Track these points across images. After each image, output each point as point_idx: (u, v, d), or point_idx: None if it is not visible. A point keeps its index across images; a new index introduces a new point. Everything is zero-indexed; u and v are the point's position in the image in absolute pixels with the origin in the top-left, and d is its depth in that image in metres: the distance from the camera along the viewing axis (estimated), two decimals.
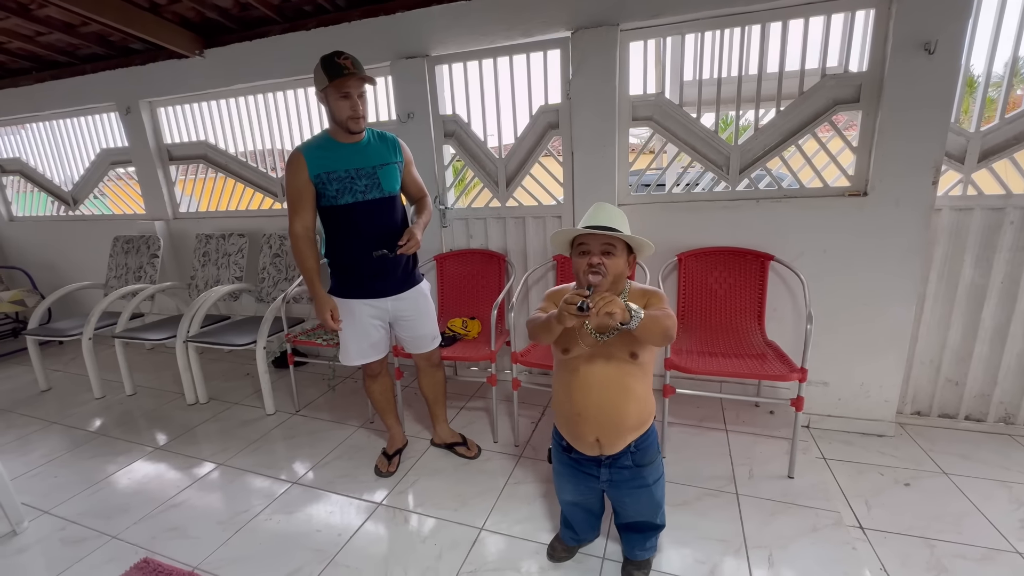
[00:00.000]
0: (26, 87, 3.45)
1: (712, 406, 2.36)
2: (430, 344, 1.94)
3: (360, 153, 1.68)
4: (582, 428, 1.24)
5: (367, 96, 1.63)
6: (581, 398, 1.23)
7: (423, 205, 1.86)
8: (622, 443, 1.24)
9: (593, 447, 1.25)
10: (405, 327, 1.88)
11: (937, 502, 1.70)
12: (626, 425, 1.23)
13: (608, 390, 1.21)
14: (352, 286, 1.76)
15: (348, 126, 1.62)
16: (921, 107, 1.80)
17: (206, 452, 2.21)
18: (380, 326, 1.83)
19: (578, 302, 1.04)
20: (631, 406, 1.22)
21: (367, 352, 1.84)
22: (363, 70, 1.59)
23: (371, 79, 1.59)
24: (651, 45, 2.18)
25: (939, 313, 2.09)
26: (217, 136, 3.17)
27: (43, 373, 2.96)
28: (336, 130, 1.66)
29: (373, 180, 1.68)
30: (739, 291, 2.20)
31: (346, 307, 1.77)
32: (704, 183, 2.33)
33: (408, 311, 1.84)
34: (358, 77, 1.55)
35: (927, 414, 2.22)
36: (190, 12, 2.62)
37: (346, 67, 1.53)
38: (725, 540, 1.54)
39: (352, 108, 1.59)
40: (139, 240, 3.33)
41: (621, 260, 1.21)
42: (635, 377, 1.22)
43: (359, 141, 1.69)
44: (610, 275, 1.18)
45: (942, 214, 1.99)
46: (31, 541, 1.69)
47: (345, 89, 1.56)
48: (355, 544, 1.61)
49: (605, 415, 1.21)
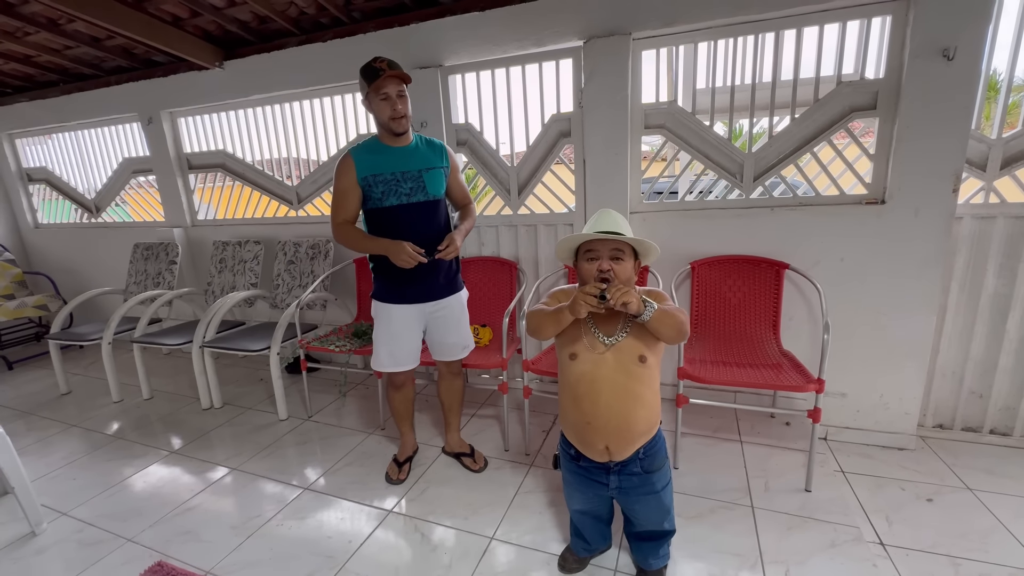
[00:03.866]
0: (53, 99, 3.57)
1: (726, 416, 2.32)
2: (460, 352, 1.94)
3: (407, 157, 1.71)
4: (591, 436, 1.23)
5: (408, 97, 1.66)
6: (590, 406, 1.22)
7: (467, 212, 1.88)
8: (631, 449, 1.23)
9: (603, 454, 1.24)
10: (438, 332, 1.88)
11: (962, 519, 1.65)
12: (635, 431, 1.22)
13: (617, 397, 1.20)
14: (394, 291, 1.77)
15: (391, 127, 1.65)
16: (940, 114, 1.77)
17: (220, 456, 2.23)
18: (416, 334, 1.83)
19: (597, 292, 1.08)
20: (640, 412, 1.21)
21: (399, 359, 1.84)
22: (400, 69, 1.62)
23: (407, 77, 1.62)
24: (663, 53, 2.18)
25: (961, 323, 2.04)
26: (235, 145, 3.24)
27: (64, 376, 3.03)
28: (383, 134, 1.71)
29: (418, 183, 1.70)
30: (753, 300, 2.17)
31: (384, 312, 1.78)
32: (717, 191, 2.32)
33: (444, 316, 1.85)
34: (394, 75, 1.59)
35: (950, 427, 2.16)
36: (211, 26, 2.70)
37: (381, 68, 1.58)
38: (740, 554, 1.51)
39: (392, 108, 1.62)
40: (158, 247, 3.40)
41: (629, 265, 1.21)
42: (643, 382, 1.21)
43: (407, 145, 1.72)
44: (619, 281, 1.18)
45: (963, 222, 1.94)
46: (50, 542, 1.72)
47: (383, 91, 1.60)
48: (365, 551, 1.61)
49: (614, 422, 1.21)
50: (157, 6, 2.50)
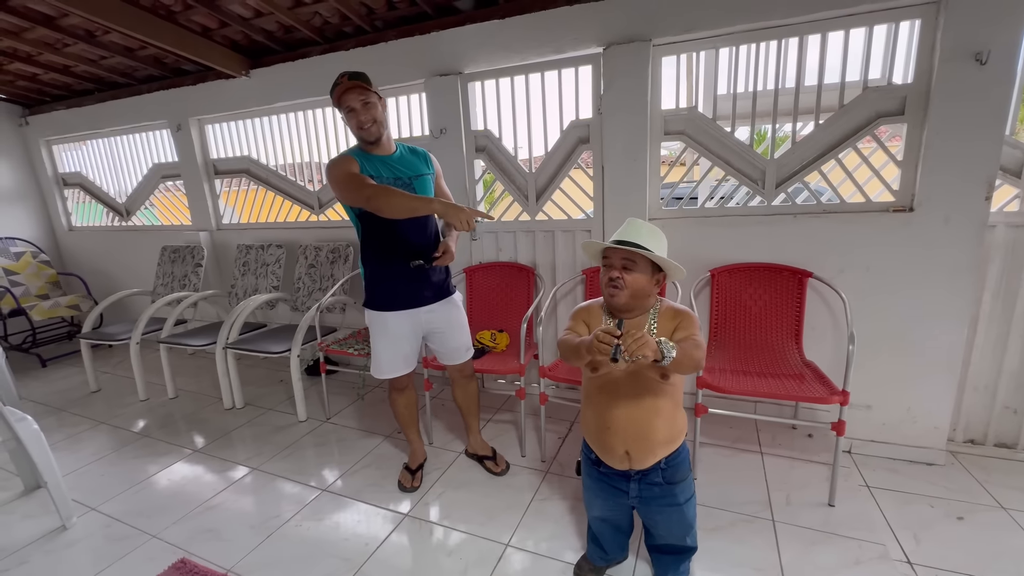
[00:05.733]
0: (88, 107, 3.71)
1: (746, 427, 2.28)
2: (464, 355, 1.96)
3: (396, 165, 1.73)
4: (611, 441, 1.24)
5: (377, 105, 1.64)
6: (609, 411, 1.23)
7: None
8: (652, 458, 1.23)
9: (623, 460, 1.24)
10: (439, 339, 1.90)
11: (995, 538, 1.59)
12: (655, 439, 1.22)
13: (636, 405, 1.21)
14: (386, 297, 1.79)
15: (360, 136, 1.66)
16: (972, 119, 1.72)
17: (241, 456, 2.27)
18: (412, 339, 1.85)
19: (612, 343, 1.03)
20: (659, 421, 1.21)
21: (398, 365, 1.86)
22: (362, 77, 1.60)
23: (366, 86, 1.59)
24: (684, 59, 2.17)
25: (994, 335, 1.97)
26: (259, 151, 3.32)
27: (94, 375, 3.13)
28: (363, 145, 1.72)
29: (410, 190, 1.72)
30: (775, 309, 2.13)
31: (379, 320, 1.80)
32: (738, 197, 2.28)
33: (441, 322, 1.86)
34: (353, 86, 1.57)
35: (982, 443, 2.08)
36: (239, 36, 2.77)
37: (339, 81, 1.59)
38: (761, 569, 1.47)
39: (356, 117, 1.62)
40: (185, 250, 3.49)
41: (642, 277, 1.20)
42: (662, 394, 1.22)
43: (391, 155, 1.74)
44: (628, 289, 1.19)
45: (996, 231, 1.88)
46: (79, 536, 1.77)
47: (346, 104, 1.60)
48: (381, 554, 1.62)
49: (633, 428, 1.21)
50: (188, 17, 2.58)
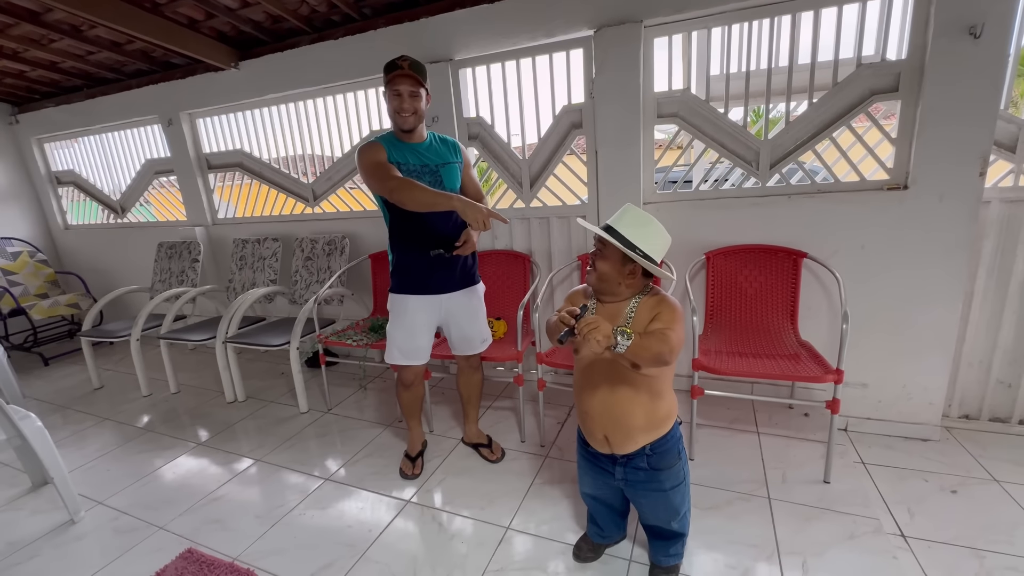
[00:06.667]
0: (78, 103, 3.68)
1: (743, 408, 2.30)
2: (479, 346, 1.97)
3: (424, 152, 1.74)
4: (590, 425, 1.28)
5: (422, 98, 1.69)
6: (587, 397, 1.26)
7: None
8: (632, 444, 1.23)
9: (603, 444, 1.27)
10: (456, 326, 1.90)
11: (987, 511, 1.61)
12: (631, 425, 1.22)
13: (611, 392, 1.23)
14: (409, 281, 1.80)
15: (395, 119, 1.69)
16: (966, 94, 1.71)
17: (244, 448, 2.30)
18: (427, 330, 1.86)
19: (569, 324, 1.06)
20: (635, 408, 1.21)
21: (410, 354, 1.86)
22: (421, 71, 1.65)
23: (420, 81, 1.65)
24: (676, 40, 2.14)
25: (989, 311, 1.98)
26: (251, 144, 3.30)
27: (96, 372, 3.15)
28: (395, 130, 1.74)
29: (436, 178, 1.73)
30: (770, 290, 2.14)
31: (400, 303, 1.81)
32: (733, 179, 2.28)
33: (461, 309, 1.87)
34: (408, 75, 1.62)
35: (976, 418, 2.10)
36: (226, 27, 2.74)
37: (400, 66, 1.62)
38: (757, 545, 1.50)
39: (399, 103, 1.65)
40: (181, 245, 3.49)
41: (608, 264, 1.19)
42: (636, 384, 1.20)
43: (421, 143, 1.75)
44: (596, 274, 1.21)
45: (991, 207, 1.88)
46: (88, 530, 1.80)
47: (396, 87, 1.64)
48: (385, 540, 1.65)
49: (609, 415, 1.23)
50: (173, 9, 2.55)
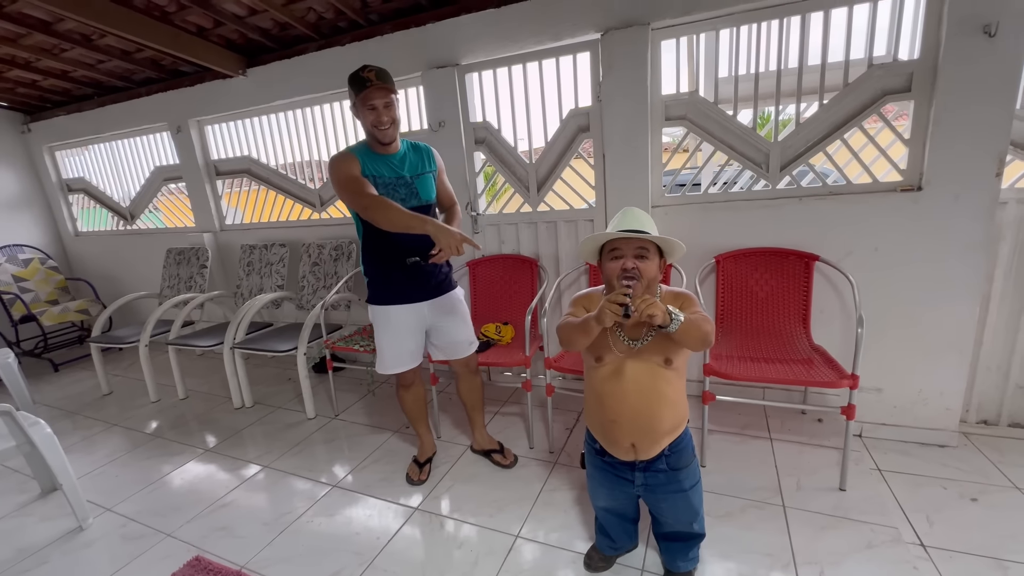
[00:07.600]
0: (89, 111, 3.72)
1: (755, 413, 2.26)
2: (467, 349, 1.95)
3: (399, 163, 1.72)
4: (617, 434, 1.23)
5: (396, 104, 1.66)
6: (615, 404, 1.22)
7: (453, 213, 1.88)
8: (657, 447, 1.22)
9: (628, 452, 1.24)
10: (441, 333, 1.89)
11: (1010, 519, 1.57)
12: (661, 429, 1.21)
13: (642, 396, 1.20)
14: (388, 292, 1.79)
15: (376, 135, 1.66)
16: (981, 94, 1.68)
17: (252, 454, 2.29)
18: (416, 333, 1.85)
19: (623, 302, 1.05)
20: (665, 411, 1.20)
21: (403, 360, 1.86)
22: (389, 79, 1.61)
23: (392, 89, 1.62)
24: (683, 43, 2.13)
25: (1007, 314, 1.94)
26: (259, 150, 3.31)
27: (105, 378, 3.16)
28: (372, 142, 1.70)
29: (411, 189, 1.72)
30: (782, 293, 2.11)
31: (382, 314, 1.80)
32: (742, 181, 2.25)
33: (443, 317, 1.86)
34: (380, 87, 1.59)
35: (995, 423, 2.06)
36: (234, 35, 2.76)
37: (369, 79, 1.58)
38: (772, 554, 1.47)
39: (376, 116, 1.62)
40: (189, 252, 3.51)
41: (654, 264, 1.19)
42: (669, 382, 1.20)
43: (395, 153, 1.73)
44: (644, 279, 1.16)
45: (1008, 207, 1.84)
46: (96, 536, 1.80)
47: (370, 102, 1.60)
48: (393, 548, 1.63)
49: (640, 421, 1.20)
50: (182, 18, 2.57)
